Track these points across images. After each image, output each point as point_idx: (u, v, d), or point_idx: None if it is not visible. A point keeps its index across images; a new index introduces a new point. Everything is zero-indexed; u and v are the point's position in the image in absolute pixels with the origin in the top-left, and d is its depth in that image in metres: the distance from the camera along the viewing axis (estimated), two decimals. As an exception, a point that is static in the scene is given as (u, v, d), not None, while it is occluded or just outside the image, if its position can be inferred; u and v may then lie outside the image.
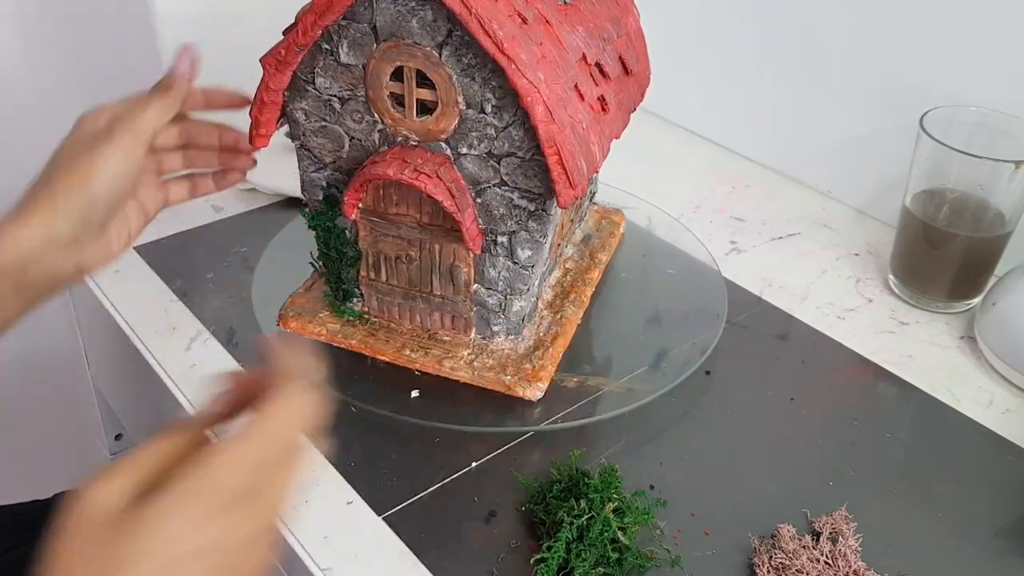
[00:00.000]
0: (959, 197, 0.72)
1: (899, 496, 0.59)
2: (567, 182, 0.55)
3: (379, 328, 0.67)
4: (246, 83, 0.92)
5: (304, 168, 0.64)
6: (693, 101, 1.04)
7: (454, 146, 0.58)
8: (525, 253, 0.61)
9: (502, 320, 0.65)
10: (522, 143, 0.56)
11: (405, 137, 0.59)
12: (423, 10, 0.53)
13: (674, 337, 0.69)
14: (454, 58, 0.54)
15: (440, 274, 0.63)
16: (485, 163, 0.58)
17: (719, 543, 0.55)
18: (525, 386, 0.63)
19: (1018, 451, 0.63)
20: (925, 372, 0.69)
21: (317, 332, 0.67)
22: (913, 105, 0.74)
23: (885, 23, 0.82)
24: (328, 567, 0.52)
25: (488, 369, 0.64)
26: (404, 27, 0.54)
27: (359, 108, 0.59)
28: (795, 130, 0.94)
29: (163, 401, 0.67)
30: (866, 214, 0.89)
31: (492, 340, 0.66)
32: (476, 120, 0.56)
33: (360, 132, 0.60)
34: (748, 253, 0.83)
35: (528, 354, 0.65)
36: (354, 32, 0.56)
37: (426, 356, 0.65)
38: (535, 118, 0.53)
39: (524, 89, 0.52)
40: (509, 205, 0.59)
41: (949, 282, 0.74)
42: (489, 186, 0.59)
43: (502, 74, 0.53)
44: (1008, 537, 0.57)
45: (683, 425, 0.64)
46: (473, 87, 0.55)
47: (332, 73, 0.58)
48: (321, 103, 0.60)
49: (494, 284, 0.63)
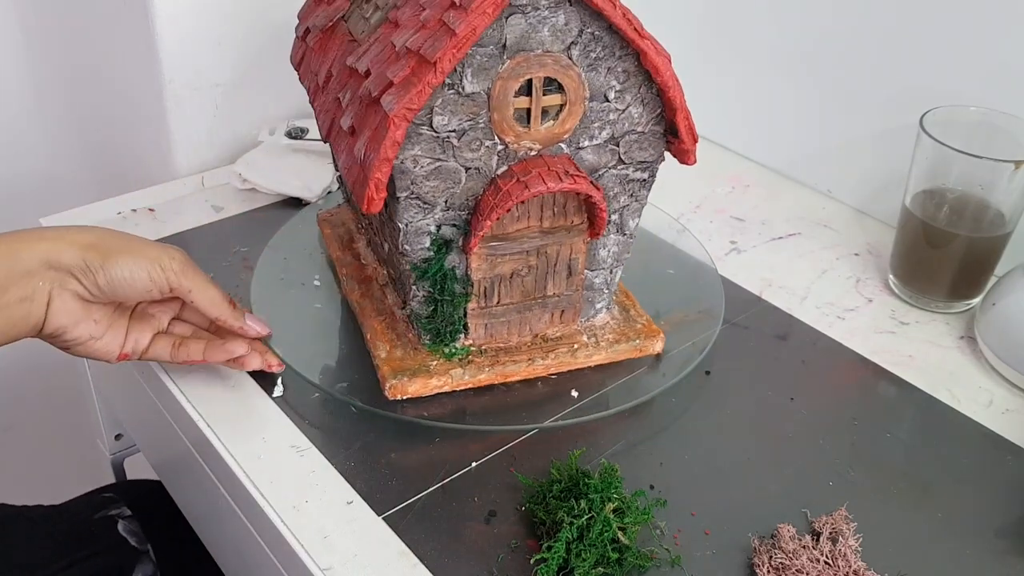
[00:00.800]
0: (959, 197, 0.72)
1: (899, 496, 0.59)
2: (693, 139, 0.59)
3: (497, 352, 0.64)
4: (249, 80, 0.92)
5: (410, 219, 0.57)
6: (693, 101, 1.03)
7: (575, 142, 0.58)
8: (634, 222, 0.63)
9: (605, 295, 0.66)
10: (641, 118, 0.59)
11: (527, 150, 0.57)
12: (555, 16, 0.53)
13: (674, 337, 0.69)
14: (583, 56, 0.55)
15: (556, 273, 0.63)
16: (604, 149, 0.59)
17: (719, 543, 0.55)
18: (652, 342, 0.67)
19: (1018, 451, 0.63)
20: (925, 372, 0.69)
21: (441, 384, 0.62)
22: (913, 105, 0.74)
23: (885, 23, 0.82)
24: (328, 567, 0.52)
25: (614, 343, 0.66)
26: (534, 38, 0.53)
27: (478, 136, 0.55)
28: (795, 130, 0.94)
29: (163, 401, 0.67)
30: (866, 214, 0.89)
31: (595, 319, 0.67)
32: (600, 110, 0.57)
33: (478, 160, 0.56)
34: (748, 253, 0.83)
35: (625, 317, 0.68)
36: (480, 57, 0.52)
37: (557, 357, 0.65)
38: (674, 89, 0.57)
39: (663, 65, 0.56)
40: (624, 181, 0.61)
41: (949, 282, 0.74)
42: (607, 170, 0.60)
43: (628, 58, 0.56)
44: (1008, 537, 0.57)
45: (683, 425, 0.64)
46: (599, 79, 0.56)
47: (452, 107, 0.54)
48: (437, 143, 0.55)
49: (603, 263, 0.64)
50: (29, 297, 0.54)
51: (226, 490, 0.61)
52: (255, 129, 0.93)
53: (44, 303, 0.55)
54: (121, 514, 0.80)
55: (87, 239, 0.56)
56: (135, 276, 0.56)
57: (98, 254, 0.56)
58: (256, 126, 0.93)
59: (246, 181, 0.86)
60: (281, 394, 0.64)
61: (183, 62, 0.87)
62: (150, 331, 0.61)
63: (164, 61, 0.86)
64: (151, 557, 0.77)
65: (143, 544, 0.78)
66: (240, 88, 0.92)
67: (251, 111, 0.93)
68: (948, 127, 0.71)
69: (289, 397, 0.64)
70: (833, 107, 0.89)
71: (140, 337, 0.60)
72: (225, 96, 0.91)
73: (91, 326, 0.57)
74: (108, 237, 0.57)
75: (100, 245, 0.56)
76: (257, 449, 0.59)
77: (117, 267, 0.56)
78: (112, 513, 0.79)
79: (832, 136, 0.90)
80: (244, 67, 0.92)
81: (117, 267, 0.56)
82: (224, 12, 0.87)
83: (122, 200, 0.85)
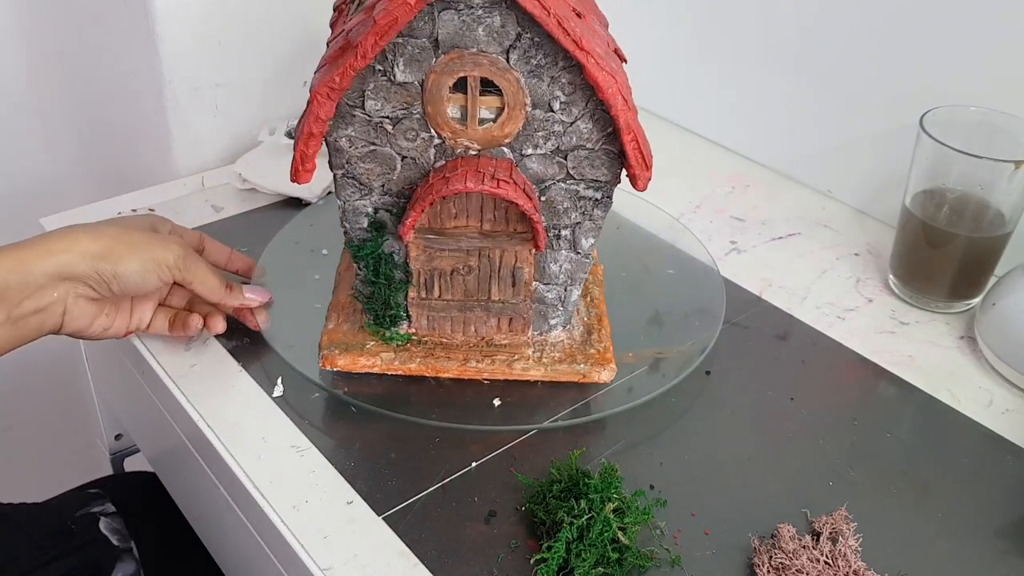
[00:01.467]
0: (959, 197, 0.72)
1: (899, 496, 0.59)
2: (644, 165, 0.57)
3: (435, 346, 0.65)
4: (248, 80, 0.92)
5: (347, 197, 0.60)
6: (693, 101, 1.04)
7: (518, 148, 0.58)
8: (588, 242, 0.62)
9: (560, 312, 0.65)
10: (591, 135, 0.57)
11: (465, 148, 0.58)
12: (490, 17, 0.53)
13: (674, 337, 0.69)
14: (522, 61, 0.54)
15: (500, 279, 0.63)
16: (551, 160, 0.58)
17: (719, 543, 0.55)
18: (600, 370, 0.64)
19: (1018, 451, 0.63)
20: (925, 372, 0.69)
21: (371, 364, 0.64)
22: (913, 105, 0.74)
23: (886, 23, 0.82)
24: (328, 567, 0.52)
25: (558, 362, 0.64)
26: (469, 37, 0.53)
27: (414, 126, 0.57)
28: (795, 130, 0.94)
29: (163, 401, 0.67)
30: (866, 214, 0.89)
31: (548, 334, 0.66)
32: (543, 119, 0.56)
33: (414, 150, 0.58)
34: (748, 253, 0.83)
35: (585, 340, 0.66)
36: (412, 48, 0.54)
37: (493, 364, 0.64)
38: (616, 108, 0.54)
39: (605, 81, 0.53)
40: (575, 198, 0.60)
41: (949, 282, 0.74)
42: (554, 182, 0.59)
43: (574, 70, 0.54)
44: (1008, 537, 0.57)
45: (683, 425, 0.64)
46: (541, 87, 0.55)
47: (384, 94, 0.56)
48: (370, 126, 0.57)
49: (555, 278, 0.63)
50: (43, 308, 0.57)
51: (226, 490, 0.61)
52: (255, 129, 0.93)
53: (59, 312, 0.58)
54: (104, 511, 0.79)
55: (96, 248, 0.57)
56: (145, 279, 0.59)
57: (108, 263, 0.58)
58: (256, 126, 0.93)
59: (246, 181, 0.86)
60: (281, 394, 0.64)
61: (183, 62, 0.87)
62: (151, 306, 0.65)
63: (164, 61, 0.86)
64: (134, 555, 0.77)
65: (125, 542, 0.77)
66: (240, 88, 0.92)
67: (251, 111, 0.93)
68: (948, 127, 0.71)
69: (289, 397, 0.64)
70: (833, 107, 0.89)
71: (143, 315, 0.65)
72: (225, 96, 0.91)
73: (103, 319, 0.61)
74: (115, 243, 0.58)
75: (110, 254, 0.58)
76: (257, 449, 0.59)
77: (128, 273, 0.58)
78: (95, 510, 0.79)
79: (832, 136, 0.90)
80: (244, 67, 0.92)
81: (128, 273, 0.58)
82: (224, 12, 0.87)
83: (122, 200, 0.85)
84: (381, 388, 0.64)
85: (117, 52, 0.93)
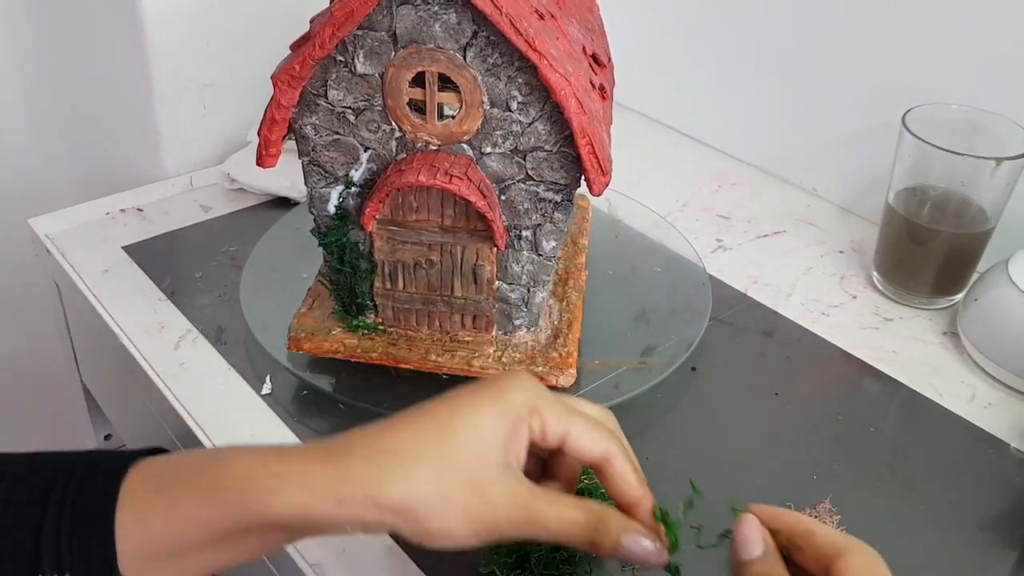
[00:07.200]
0: (941, 194, 0.73)
1: (882, 489, 0.60)
2: (600, 170, 0.56)
3: (398, 338, 0.66)
4: (237, 80, 0.93)
5: (313, 184, 0.61)
6: (679, 99, 1.04)
7: (477, 146, 0.58)
8: (550, 244, 0.62)
9: (524, 313, 0.65)
10: (548, 137, 0.57)
11: (425, 143, 0.58)
12: (446, 14, 0.53)
13: (660, 334, 0.70)
14: (479, 59, 0.54)
15: (462, 275, 0.63)
16: (510, 160, 0.58)
17: (705, 537, 0.55)
18: (558, 374, 0.64)
19: (1000, 444, 0.63)
20: (908, 367, 0.70)
21: (333, 350, 0.65)
22: (896, 103, 0.75)
23: (868, 21, 0.83)
24: (317, 562, 0.52)
25: (517, 363, 0.65)
26: (426, 32, 0.54)
27: (375, 118, 0.58)
28: (780, 128, 0.94)
29: (152, 401, 0.67)
30: (850, 212, 0.90)
31: (514, 335, 0.66)
32: (501, 119, 0.57)
33: (376, 142, 0.59)
34: (734, 251, 0.84)
35: (550, 343, 0.66)
36: (371, 41, 0.55)
37: (453, 359, 0.64)
38: (569, 111, 0.54)
39: (558, 83, 0.53)
40: (535, 199, 0.60)
41: (932, 278, 0.75)
42: (514, 182, 0.59)
43: (530, 71, 0.54)
44: (990, 529, 0.57)
45: (669, 420, 0.64)
46: (498, 86, 0.55)
47: (346, 85, 0.57)
48: (334, 116, 0.58)
49: (517, 279, 0.64)
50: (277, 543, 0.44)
51: (215, 488, 0.61)
52: (244, 129, 0.93)
53: None
54: None
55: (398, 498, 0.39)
56: None
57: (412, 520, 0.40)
58: (245, 126, 0.93)
59: (234, 181, 0.87)
60: (269, 391, 0.64)
61: (172, 62, 0.87)
62: None
63: (152, 61, 0.86)
64: None
65: None
66: (228, 88, 0.92)
67: (240, 111, 0.94)
68: (930, 125, 0.72)
69: (277, 394, 0.64)
70: (818, 105, 0.90)
71: None
72: (213, 96, 0.92)
73: None
74: None
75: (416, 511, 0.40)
76: (246, 446, 0.60)
77: None
78: None
79: (817, 134, 0.91)
80: (232, 67, 0.92)
81: None
82: (213, 12, 0.88)
83: (110, 200, 0.86)
84: (369, 384, 0.64)
85: (106, 52, 0.93)
